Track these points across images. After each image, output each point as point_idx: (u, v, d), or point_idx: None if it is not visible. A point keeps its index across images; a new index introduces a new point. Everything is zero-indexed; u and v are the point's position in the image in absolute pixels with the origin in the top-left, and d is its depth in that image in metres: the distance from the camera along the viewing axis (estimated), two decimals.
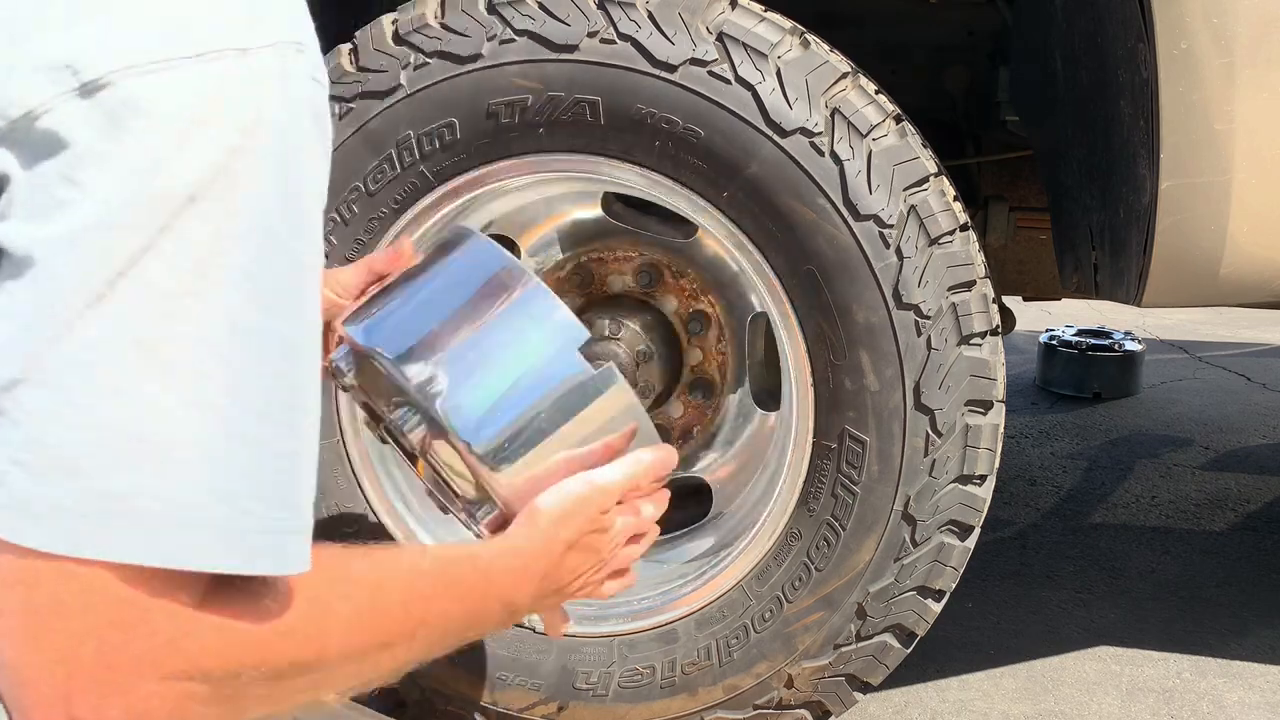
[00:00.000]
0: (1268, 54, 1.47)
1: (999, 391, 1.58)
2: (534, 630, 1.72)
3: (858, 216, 1.52)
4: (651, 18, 1.53)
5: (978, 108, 2.38)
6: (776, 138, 1.51)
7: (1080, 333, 4.28)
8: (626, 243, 1.88)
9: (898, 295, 1.52)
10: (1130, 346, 4.16)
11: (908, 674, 1.96)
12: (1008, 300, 2.71)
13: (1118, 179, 1.64)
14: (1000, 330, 1.61)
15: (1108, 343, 4.17)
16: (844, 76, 1.56)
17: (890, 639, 1.64)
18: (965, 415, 1.56)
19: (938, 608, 1.65)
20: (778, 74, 1.52)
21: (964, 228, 1.57)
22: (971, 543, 1.62)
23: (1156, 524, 2.87)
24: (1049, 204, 2.04)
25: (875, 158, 1.52)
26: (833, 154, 1.51)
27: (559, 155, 1.60)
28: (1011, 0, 2.08)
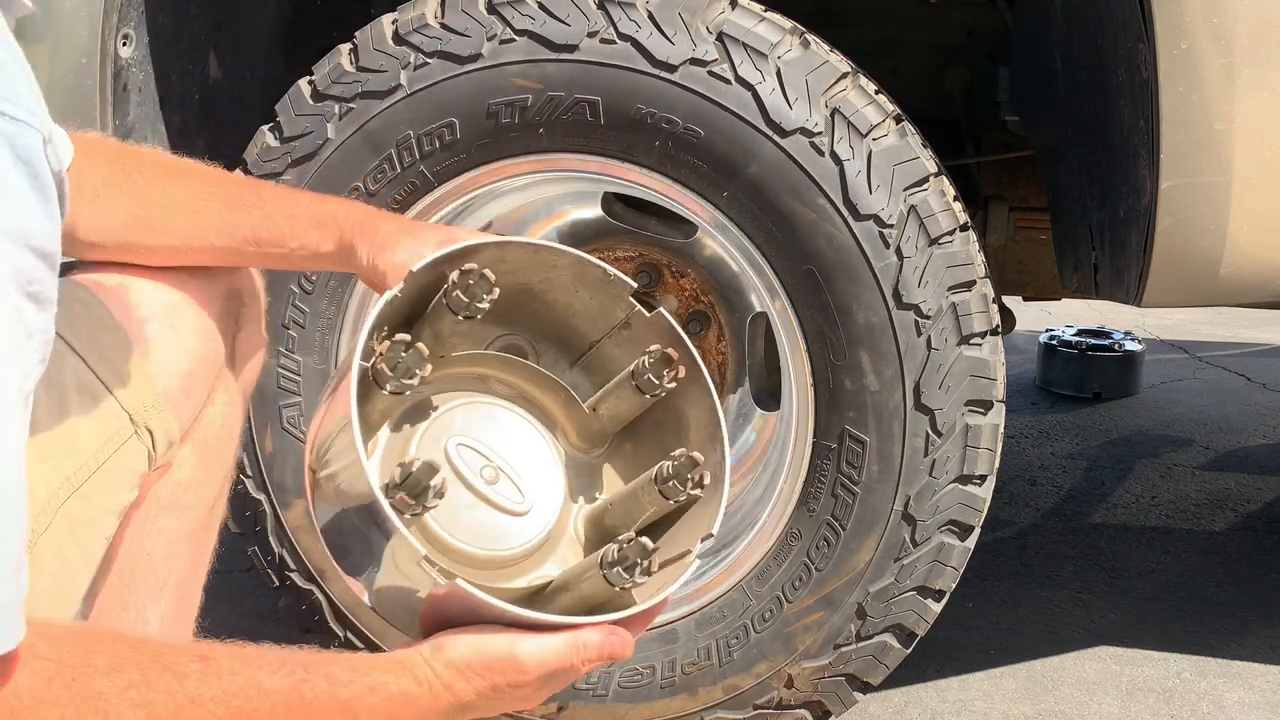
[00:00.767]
0: (1268, 54, 1.47)
1: (999, 391, 1.58)
2: None
3: (858, 216, 1.52)
4: (651, 18, 1.53)
5: (978, 108, 2.38)
6: (776, 138, 1.51)
7: (1080, 333, 4.27)
8: (626, 243, 1.89)
9: (898, 295, 1.52)
10: (1130, 346, 4.16)
11: (908, 674, 1.96)
12: (1008, 300, 2.71)
13: (1118, 179, 1.64)
14: (1000, 330, 1.61)
15: (1108, 343, 4.17)
16: (844, 76, 1.56)
17: (890, 639, 1.64)
18: (965, 415, 1.56)
19: (938, 608, 1.65)
20: (778, 74, 1.52)
21: (964, 228, 1.57)
22: (971, 543, 1.62)
23: (1156, 524, 2.87)
24: (1049, 204, 2.04)
25: (875, 158, 1.52)
26: (833, 154, 1.51)
27: (559, 155, 1.60)
28: (1011, 0, 2.08)
